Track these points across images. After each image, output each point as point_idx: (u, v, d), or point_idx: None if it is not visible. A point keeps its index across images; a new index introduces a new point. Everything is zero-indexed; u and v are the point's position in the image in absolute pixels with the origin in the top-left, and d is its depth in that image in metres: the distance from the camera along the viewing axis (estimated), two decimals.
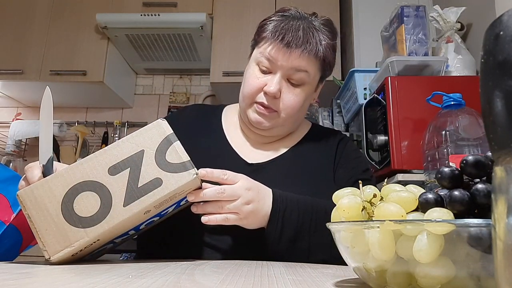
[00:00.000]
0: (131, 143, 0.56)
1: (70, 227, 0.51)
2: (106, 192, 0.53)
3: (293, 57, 0.77)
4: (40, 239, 0.51)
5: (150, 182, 0.54)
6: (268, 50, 0.79)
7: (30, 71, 2.24)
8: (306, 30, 0.78)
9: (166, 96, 2.65)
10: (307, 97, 0.83)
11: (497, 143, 0.18)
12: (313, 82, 0.83)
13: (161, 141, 0.56)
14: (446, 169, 0.32)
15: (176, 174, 0.55)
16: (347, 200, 0.35)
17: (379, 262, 0.31)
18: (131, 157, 0.55)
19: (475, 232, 0.26)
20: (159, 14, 2.11)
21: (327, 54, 0.81)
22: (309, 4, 2.25)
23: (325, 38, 0.81)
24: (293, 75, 0.79)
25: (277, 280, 0.40)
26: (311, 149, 0.86)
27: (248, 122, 0.84)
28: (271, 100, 0.79)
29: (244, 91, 0.83)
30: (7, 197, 0.67)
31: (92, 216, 0.52)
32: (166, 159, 0.56)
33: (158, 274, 0.42)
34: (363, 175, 0.83)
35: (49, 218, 0.51)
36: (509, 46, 0.18)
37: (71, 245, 0.51)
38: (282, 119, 0.81)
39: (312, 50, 0.78)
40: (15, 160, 2.50)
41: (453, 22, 1.50)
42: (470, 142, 0.95)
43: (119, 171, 0.54)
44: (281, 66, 0.78)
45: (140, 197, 0.53)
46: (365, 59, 1.91)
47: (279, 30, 0.78)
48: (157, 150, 0.56)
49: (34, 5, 2.35)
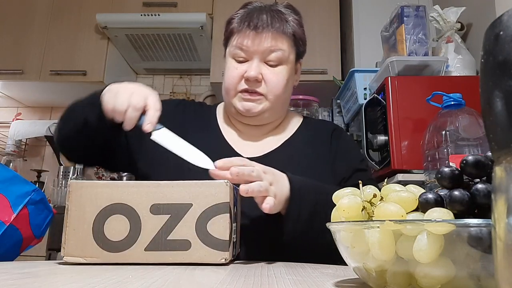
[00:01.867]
0: (185, 191, 0.52)
1: (92, 241, 0.51)
2: (138, 227, 0.51)
3: (264, 39, 0.79)
4: (64, 235, 0.51)
5: (179, 241, 0.51)
6: (239, 40, 0.81)
7: (30, 71, 2.24)
8: (270, 13, 0.82)
9: (166, 96, 2.65)
10: (288, 77, 0.84)
11: (497, 143, 0.18)
12: (290, 60, 0.84)
13: (212, 205, 0.52)
14: (446, 169, 0.32)
15: (207, 248, 0.50)
16: (347, 200, 0.35)
17: (379, 262, 0.31)
18: (178, 205, 0.52)
19: (475, 232, 0.26)
20: (159, 14, 2.11)
21: (296, 30, 0.84)
22: (309, 4, 2.25)
23: (289, 15, 0.84)
24: (269, 56, 0.80)
25: (277, 280, 0.40)
26: (305, 141, 0.87)
27: (237, 113, 0.84)
28: (254, 85, 0.80)
29: (225, 84, 0.84)
30: (7, 197, 0.67)
31: (113, 242, 0.51)
32: (206, 227, 0.51)
33: (158, 274, 0.42)
34: (361, 165, 0.85)
35: (81, 221, 0.51)
36: (509, 46, 0.18)
37: (84, 258, 0.51)
38: (270, 102, 0.82)
39: (280, 27, 0.81)
40: (15, 160, 2.50)
41: (453, 22, 1.50)
42: (470, 142, 0.95)
43: (159, 213, 0.51)
44: (255, 51, 0.80)
45: (163, 250, 0.50)
46: (365, 59, 1.91)
47: (244, 18, 0.82)
48: (203, 212, 0.51)
49: (34, 5, 2.35)
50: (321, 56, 2.16)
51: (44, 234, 0.75)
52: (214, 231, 0.51)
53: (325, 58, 2.16)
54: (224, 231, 0.51)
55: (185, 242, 0.51)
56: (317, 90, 2.15)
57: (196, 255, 0.50)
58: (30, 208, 0.69)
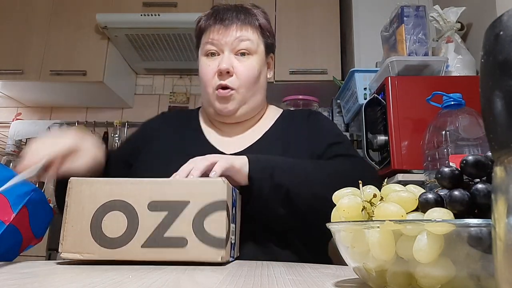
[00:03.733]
0: (183, 188, 0.53)
1: (90, 237, 0.51)
2: (135, 224, 0.51)
3: (232, 31, 0.83)
4: (63, 231, 0.52)
5: (176, 238, 0.51)
6: (209, 36, 0.85)
7: (30, 71, 2.24)
8: (235, 8, 0.86)
9: (166, 96, 2.65)
10: (260, 68, 0.86)
11: (497, 143, 0.18)
12: (260, 51, 0.87)
13: (210, 203, 0.52)
14: (446, 169, 0.32)
15: (203, 246, 0.50)
16: (347, 200, 0.35)
17: (379, 262, 0.31)
18: (175, 202, 0.52)
19: (475, 232, 0.26)
20: (159, 14, 2.12)
21: (262, 21, 0.87)
22: (309, 4, 2.25)
23: (254, 9, 0.89)
24: (238, 46, 0.83)
25: (277, 280, 0.40)
26: (283, 131, 0.89)
27: (216, 114, 0.87)
28: (227, 78, 0.83)
29: (202, 83, 0.87)
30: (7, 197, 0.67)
31: (111, 238, 0.51)
32: (203, 224, 0.51)
33: (158, 274, 0.42)
34: (335, 139, 0.86)
35: (80, 217, 0.51)
36: (509, 46, 0.18)
37: (81, 254, 0.51)
38: (242, 95, 0.84)
39: (246, 19, 0.85)
40: (15, 160, 2.50)
41: (453, 22, 1.50)
42: (470, 142, 0.95)
43: (157, 210, 0.51)
44: (225, 43, 0.83)
45: (160, 247, 0.50)
46: (365, 59, 1.92)
47: (212, 16, 0.86)
48: (200, 210, 0.51)
49: (34, 5, 2.35)
50: (321, 56, 2.16)
51: (44, 234, 0.74)
52: (211, 228, 0.51)
53: (325, 58, 2.16)
54: (221, 228, 0.51)
55: (182, 239, 0.51)
56: (317, 90, 2.16)
57: (193, 252, 0.50)
58: (30, 208, 0.69)
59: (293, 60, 2.16)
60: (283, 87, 2.18)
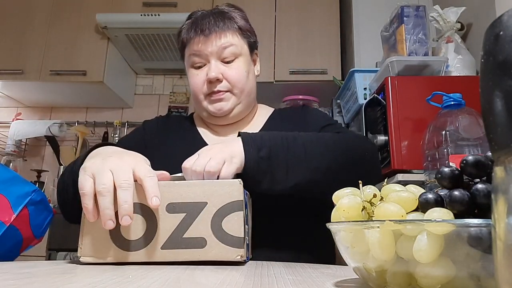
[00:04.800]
0: (200, 190, 0.53)
1: (109, 240, 0.51)
2: (154, 226, 0.52)
3: (214, 40, 0.84)
4: (81, 235, 0.52)
5: (195, 239, 0.51)
6: (192, 48, 0.86)
7: (30, 71, 2.24)
8: (213, 16, 0.87)
9: (166, 96, 2.65)
10: (247, 68, 0.88)
11: (497, 143, 0.18)
12: (244, 52, 0.88)
13: (227, 204, 0.53)
14: (446, 169, 0.32)
15: (222, 246, 0.51)
16: (347, 200, 0.35)
17: (379, 262, 0.31)
18: (193, 204, 0.52)
19: (475, 232, 0.26)
20: (159, 14, 2.12)
21: (241, 23, 0.88)
22: (309, 4, 2.25)
23: (232, 12, 0.89)
24: (223, 53, 0.84)
25: (277, 280, 0.40)
26: (278, 125, 0.91)
27: (210, 116, 0.88)
28: (218, 85, 0.84)
29: (192, 93, 0.89)
30: (8, 198, 0.67)
31: (130, 241, 0.51)
32: (221, 225, 0.52)
33: (158, 274, 0.42)
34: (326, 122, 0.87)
35: (98, 221, 0.51)
36: (509, 46, 0.18)
37: (100, 258, 0.51)
38: (237, 96, 0.86)
39: (225, 25, 0.85)
40: (15, 160, 2.50)
41: (453, 22, 1.50)
42: (470, 142, 0.95)
43: (175, 212, 0.52)
44: (210, 53, 0.84)
45: (180, 248, 0.51)
46: (365, 59, 1.92)
47: (191, 27, 0.86)
48: (218, 210, 0.52)
49: (34, 5, 2.35)
50: (321, 56, 2.16)
51: (44, 234, 0.75)
52: (229, 228, 0.52)
53: (325, 58, 2.16)
54: (239, 228, 0.52)
55: (201, 239, 0.51)
56: (317, 90, 2.16)
57: (212, 252, 0.51)
58: (30, 209, 0.69)
59: (293, 60, 2.16)
60: (283, 87, 2.18)
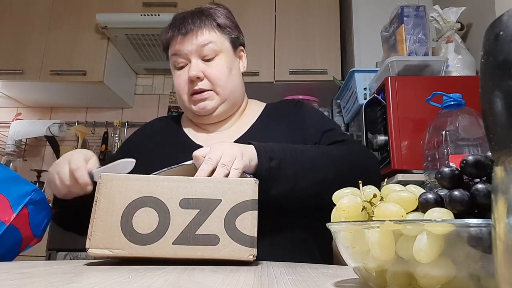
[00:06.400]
0: (215, 187, 0.53)
1: (120, 233, 0.50)
2: (167, 221, 0.51)
3: (192, 39, 0.84)
4: (91, 226, 0.51)
5: (208, 236, 0.51)
6: (173, 48, 0.87)
7: (30, 71, 2.24)
8: (192, 15, 0.87)
9: (166, 96, 2.65)
10: (229, 64, 0.87)
11: (497, 143, 0.18)
12: (226, 48, 0.88)
13: (241, 202, 0.52)
14: (446, 169, 0.32)
15: (235, 244, 0.50)
16: (347, 200, 0.35)
17: (379, 262, 0.31)
18: (207, 200, 0.52)
19: (475, 232, 0.26)
20: (159, 14, 2.11)
21: (220, 20, 0.88)
22: (309, 4, 2.25)
23: (212, 9, 0.89)
24: (203, 51, 0.84)
25: (277, 280, 0.40)
26: (272, 120, 0.90)
27: (195, 115, 0.89)
28: (200, 83, 0.84)
29: (177, 92, 0.89)
30: (7, 197, 0.67)
31: (142, 235, 0.51)
32: (235, 223, 0.51)
33: (158, 274, 0.42)
34: (328, 126, 0.88)
35: (110, 213, 0.51)
36: (509, 46, 0.18)
37: (111, 250, 0.50)
38: (219, 95, 0.85)
39: (203, 23, 0.85)
40: (15, 160, 2.50)
41: (453, 22, 1.50)
42: (470, 142, 0.95)
43: (189, 207, 0.52)
44: (189, 52, 0.84)
45: (191, 244, 0.50)
46: (365, 59, 1.92)
47: (170, 28, 0.88)
48: (232, 208, 0.52)
49: (34, 5, 2.35)
50: (321, 56, 2.16)
51: (43, 234, 0.75)
52: (243, 227, 0.51)
53: (325, 58, 2.16)
54: (252, 227, 0.51)
55: (214, 237, 0.51)
56: (317, 90, 2.16)
57: (224, 250, 0.50)
58: (30, 208, 0.69)
59: (293, 60, 2.16)
60: (283, 87, 2.18)
